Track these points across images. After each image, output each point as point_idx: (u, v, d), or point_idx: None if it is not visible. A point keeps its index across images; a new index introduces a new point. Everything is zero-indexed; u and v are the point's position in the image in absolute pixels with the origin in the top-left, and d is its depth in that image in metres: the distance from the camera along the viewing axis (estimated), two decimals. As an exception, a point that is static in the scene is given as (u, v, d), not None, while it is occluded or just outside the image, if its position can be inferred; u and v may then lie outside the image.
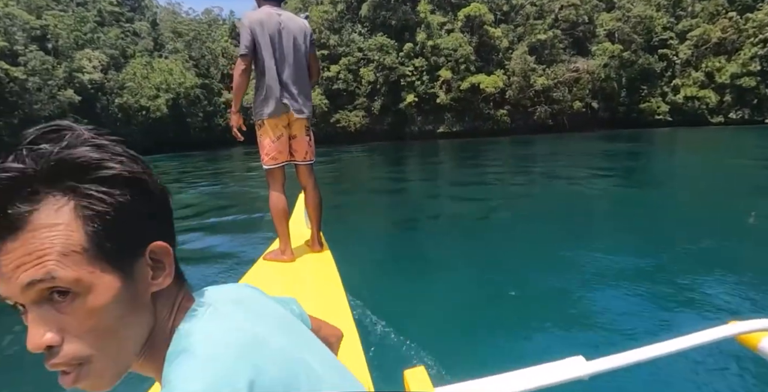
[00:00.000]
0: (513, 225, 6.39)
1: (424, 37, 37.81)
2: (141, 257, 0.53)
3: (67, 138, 0.49)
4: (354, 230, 6.44)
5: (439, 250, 5.28)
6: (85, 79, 41.84)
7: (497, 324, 3.18)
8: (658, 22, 47.62)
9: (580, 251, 4.68)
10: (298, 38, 2.77)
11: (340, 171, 17.32)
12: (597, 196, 8.51)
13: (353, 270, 3.19)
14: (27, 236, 0.46)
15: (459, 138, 39.05)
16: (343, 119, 40.11)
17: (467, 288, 3.87)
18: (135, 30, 57.27)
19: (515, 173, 13.24)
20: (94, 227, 0.48)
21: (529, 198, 8.62)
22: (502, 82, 37.59)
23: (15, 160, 0.47)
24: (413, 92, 38.55)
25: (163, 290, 0.56)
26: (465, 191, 9.61)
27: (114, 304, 0.49)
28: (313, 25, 40.47)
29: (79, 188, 0.48)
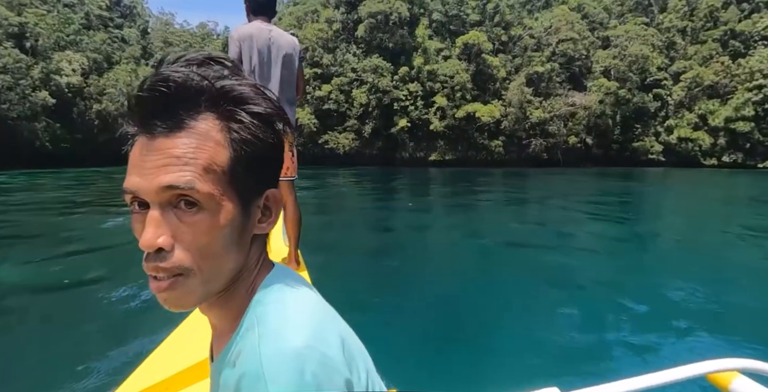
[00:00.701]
0: (494, 256, 6.42)
1: (421, 62, 36.79)
2: (259, 197, 0.56)
3: (233, 72, 0.54)
4: (334, 252, 6.38)
5: (415, 275, 5.25)
6: (62, 81, 39.68)
7: (472, 352, 3.17)
8: (653, 62, 47.71)
9: (559, 285, 4.77)
10: (288, 54, 2.78)
11: (326, 193, 17.04)
12: (586, 233, 8.45)
13: (329, 291, 2.48)
14: (182, 141, 0.50)
15: (450, 167, 37.70)
16: (332, 140, 38.48)
17: (442, 315, 3.84)
18: (123, 36, 55.61)
19: (506, 206, 13.02)
20: (239, 153, 0.52)
21: (515, 230, 8.48)
22: (499, 113, 36.54)
23: (193, 74, 0.51)
24: (406, 117, 37.25)
25: (259, 238, 0.58)
26: (451, 221, 9.39)
27: (228, 229, 0.52)
28: (307, 43, 39.27)
29: (237, 114, 0.52)
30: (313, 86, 38.48)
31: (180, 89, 0.50)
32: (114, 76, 45.30)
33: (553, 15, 41.80)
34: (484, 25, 38.96)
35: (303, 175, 27.89)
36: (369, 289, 4.83)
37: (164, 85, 0.50)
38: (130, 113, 0.52)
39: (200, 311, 0.58)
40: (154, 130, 0.50)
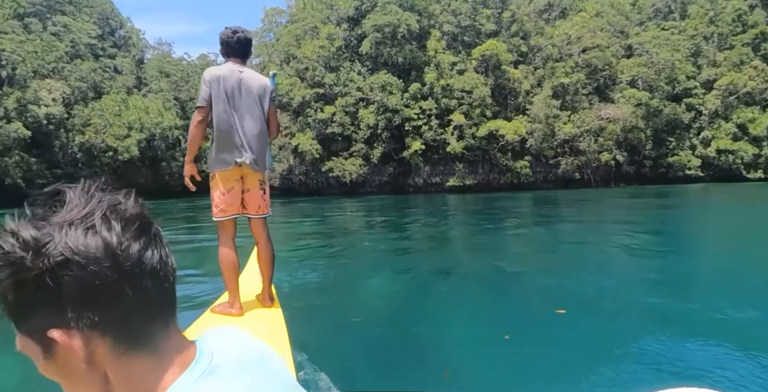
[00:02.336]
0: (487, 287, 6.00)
1: (434, 77, 33.01)
2: (48, 339, 0.52)
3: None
4: (325, 289, 5.98)
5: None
6: (40, 112, 36.20)
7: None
8: (681, 71, 43.92)
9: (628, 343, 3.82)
10: (258, 95, 2.86)
11: (327, 227, 15.31)
12: (649, 271, 6.60)
13: (305, 328, 3.73)
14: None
15: (471, 192, 33.48)
16: (337, 167, 34.43)
17: (422, 358, 3.62)
18: (116, 66, 52.75)
19: (548, 237, 11.13)
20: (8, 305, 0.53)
21: (564, 271, 6.76)
22: (525, 129, 32.45)
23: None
24: (420, 139, 33.22)
25: (120, 362, 0.53)
26: (478, 259, 8.31)
27: (48, 368, 0.53)
28: (307, 62, 35.79)
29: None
30: (314, 108, 34.74)
31: None
32: (100, 106, 41.93)
33: (574, 23, 38.25)
34: (500, 35, 35.38)
35: (301, 210, 23.28)
36: (353, 327, 4.32)
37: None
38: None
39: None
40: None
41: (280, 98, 36.29)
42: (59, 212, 0.52)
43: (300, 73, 36.45)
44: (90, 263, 0.49)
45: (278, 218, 21.34)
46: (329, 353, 3.49)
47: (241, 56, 2.91)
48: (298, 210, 23.25)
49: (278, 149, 36.71)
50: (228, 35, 2.90)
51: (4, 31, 37.67)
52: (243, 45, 2.92)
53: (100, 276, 0.50)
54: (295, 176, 36.65)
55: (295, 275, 6.64)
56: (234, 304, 2.85)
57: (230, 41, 2.89)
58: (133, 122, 42.27)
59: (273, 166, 5.47)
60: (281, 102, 36.63)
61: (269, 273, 2.98)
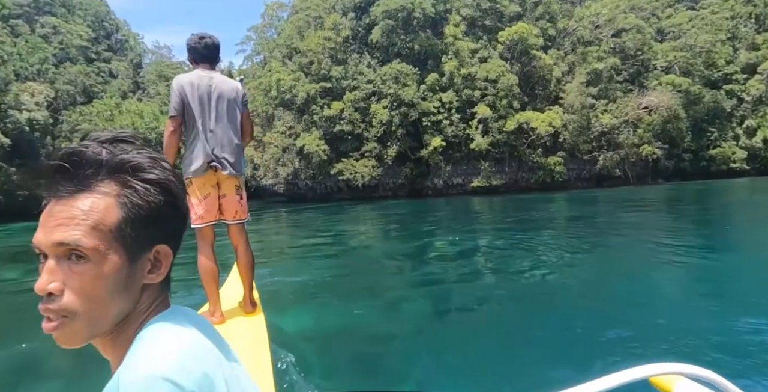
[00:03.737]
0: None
1: (454, 66, 29.39)
2: (148, 252, 0.65)
3: (135, 145, 0.66)
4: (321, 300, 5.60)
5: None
6: (22, 117, 33.10)
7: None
8: (719, 55, 39.98)
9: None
10: (230, 99, 2.83)
11: (337, 240, 13.00)
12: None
13: (291, 334, 3.79)
14: (77, 204, 0.60)
15: (498, 194, 29.82)
16: (348, 169, 30.88)
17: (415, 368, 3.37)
18: (111, 70, 49.86)
19: (613, 251, 8.32)
20: (126, 215, 0.62)
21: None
22: (561, 121, 28.69)
23: (97, 148, 0.63)
24: (440, 135, 29.59)
25: (151, 286, 0.66)
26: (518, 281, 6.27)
27: (112, 279, 0.61)
28: (311, 54, 32.39)
29: (130, 181, 0.63)
30: (321, 105, 31.28)
31: (83, 161, 0.61)
32: (89, 111, 38.82)
33: (603, 4, 34.52)
34: (525, 18, 31.72)
35: (306, 219, 19.55)
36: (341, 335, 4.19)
37: (70, 157, 0.61)
38: (42, 179, 0.62)
39: (97, 348, 0.66)
40: (58, 194, 0.61)
41: (282, 95, 32.97)
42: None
43: (304, 67, 33.08)
44: (181, 194, 0.67)
45: (280, 229, 17.89)
46: (312, 358, 3.41)
47: (209, 62, 2.90)
48: (304, 220, 19.71)
49: (272, 154, 33.32)
50: (195, 41, 2.89)
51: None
52: (211, 50, 2.91)
53: (181, 205, 0.67)
54: (301, 181, 33.16)
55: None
56: (215, 312, 2.82)
57: (197, 47, 2.88)
58: (126, 127, 39.03)
59: (244, 171, 3.17)
60: (283, 100, 33.28)
61: (250, 279, 2.97)
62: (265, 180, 34.50)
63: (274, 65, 34.50)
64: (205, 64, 2.85)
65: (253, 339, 2.54)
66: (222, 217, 2.89)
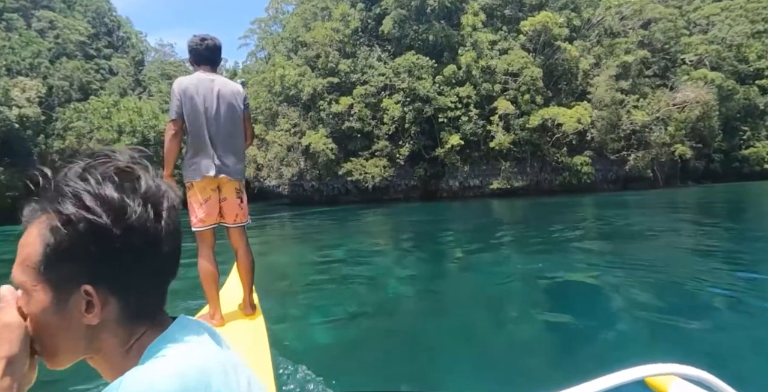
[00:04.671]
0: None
1: (472, 58, 27.14)
2: (76, 290, 0.58)
3: (79, 167, 0.59)
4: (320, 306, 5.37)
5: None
6: (11, 114, 31.20)
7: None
8: (751, 49, 37.55)
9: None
10: (231, 102, 2.81)
11: (342, 246, 11.48)
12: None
13: (293, 336, 3.76)
14: (24, 235, 0.60)
15: (518, 197, 27.55)
16: (357, 169, 28.68)
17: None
18: (111, 67, 48.12)
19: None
20: (46, 251, 0.57)
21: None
22: (590, 117, 26.34)
23: (47, 174, 0.59)
24: (457, 133, 27.34)
25: (107, 326, 0.60)
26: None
27: (42, 315, 0.59)
28: (318, 47, 30.27)
29: (60, 213, 0.56)
30: (328, 100, 29.14)
31: (37, 190, 0.58)
32: (85, 108, 36.90)
33: (630, -6, 32.19)
34: (548, 7, 29.44)
35: (310, 224, 17.36)
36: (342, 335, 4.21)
37: (32, 181, 0.59)
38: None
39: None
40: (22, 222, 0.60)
41: (287, 91, 30.88)
42: (126, 183, 0.58)
43: (310, 61, 30.97)
44: (130, 231, 0.56)
45: (283, 234, 15.91)
46: (313, 361, 3.31)
47: (211, 64, 2.87)
48: (310, 228, 17.50)
49: (276, 153, 31.18)
50: (196, 43, 2.84)
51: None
52: (212, 52, 2.87)
53: (132, 243, 0.57)
54: (307, 182, 30.99)
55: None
56: (215, 315, 2.81)
57: (199, 49, 2.84)
58: (124, 124, 37.08)
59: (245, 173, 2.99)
60: (288, 95, 31.18)
61: (250, 282, 2.97)
62: (268, 181, 32.37)
63: (279, 60, 32.42)
64: (207, 66, 2.84)
65: (253, 341, 2.57)
66: (222, 220, 2.90)
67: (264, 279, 6.53)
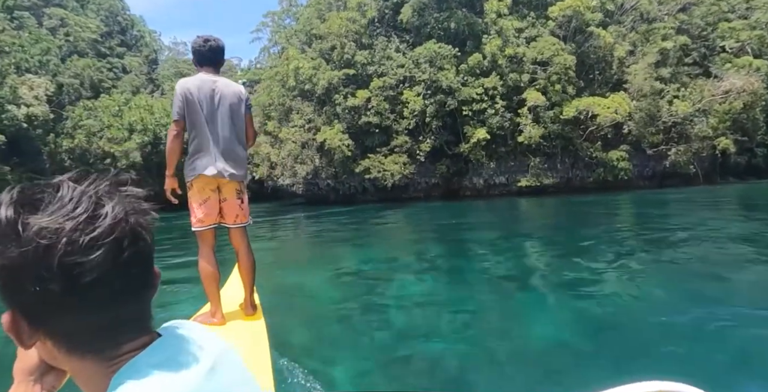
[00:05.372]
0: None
1: (497, 47, 25.28)
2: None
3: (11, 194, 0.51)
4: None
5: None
6: (19, 113, 30.31)
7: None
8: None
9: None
10: (233, 103, 2.81)
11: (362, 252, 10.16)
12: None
13: (294, 338, 3.81)
14: None
15: (547, 195, 25.64)
16: (375, 166, 27.04)
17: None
18: (124, 65, 47.45)
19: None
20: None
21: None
22: (628, 108, 24.25)
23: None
24: (482, 126, 25.51)
25: (56, 355, 0.55)
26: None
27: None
28: (333, 38, 28.71)
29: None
30: (344, 94, 27.56)
31: None
32: (95, 106, 35.97)
33: (666, -24, 29.91)
34: (578, -10, 27.37)
35: (324, 228, 16.06)
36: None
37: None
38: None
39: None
40: None
41: (301, 85, 29.39)
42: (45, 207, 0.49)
43: (325, 53, 29.44)
44: (42, 271, 0.47)
45: (296, 236, 15.08)
46: (313, 360, 3.38)
47: (213, 65, 2.87)
48: (322, 230, 15.94)
49: (290, 151, 29.71)
50: (199, 44, 2.85)
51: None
52: (215, 53, 2.87)
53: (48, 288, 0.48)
54: (322, 181, 29.46)
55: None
56: (216, 313, 2.83)
57: (202, 50, 2.84)
58: (135, 122, 36.05)
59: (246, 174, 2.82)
60: (302, 90, 29.69)
61: (251, 282, 2.97)
62: (282, 180, 30.94)
63: (292, 53, 30.95)
64: (209, 68, 2.84)
65: (253, 341, 2.57)
66: (223, 220, 2.90)
67: (270, 281, 6.27)
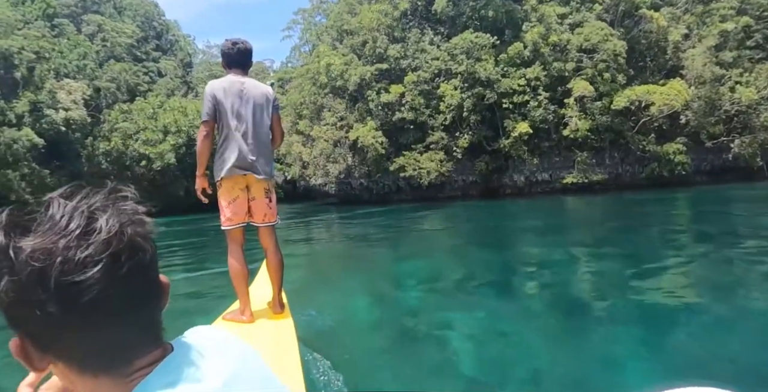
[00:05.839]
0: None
1: (539, 34, 23.71)
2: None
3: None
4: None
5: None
6: (58, 117, 30.78)
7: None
8: None
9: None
10: (260, 104, 2.86)
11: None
12: None
13: (320, 336, 3.79)
14: None
15: (594, 193, 23.90)
16: (410, 164, 25.94)
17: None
18: (159, 69, 48.18)
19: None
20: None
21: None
22: (688, 96, 22.26)
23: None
24: (524, 120, 24.01)
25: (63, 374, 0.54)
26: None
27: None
28: (365, 33, 27.80)
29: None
30: (377, 90, 26.58)
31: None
32: (130, 109, 36.35)
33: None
34: (626, -28, 25.43)
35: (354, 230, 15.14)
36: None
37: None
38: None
39: None
40: None
41: (333, 82, 28.60)
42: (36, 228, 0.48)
43: (356, 49, 28.55)
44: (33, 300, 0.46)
45: (329, 237, 14.09)
46: (343, 359, 3.34)
47: (242, 67, 2.92)
48: (357, 234, 14.98)
49: (322, 149, 28.93)
50: (228, 47, 2.91)
51: (24, 30, 32.92)
52: (243, 55, 2.93)
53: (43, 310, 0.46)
54: (355, 180, 28.58)
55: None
56: (244, 311, 2.87)
57: (231, 53, 2.90)
58: (169, 124, 36.26)
59: (274, 174, 2.87)
60: (334, 87, 28.90)
61: (279, 281, 3.00)
62: (314, 179, 30.26)
63: (323, 49, 30.21)
64: (238, 70, 2.88)
65: (280, 339, 2.59)
66: (251, 219, 2.94)
67: (302, 280, 6.27)
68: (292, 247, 10.86)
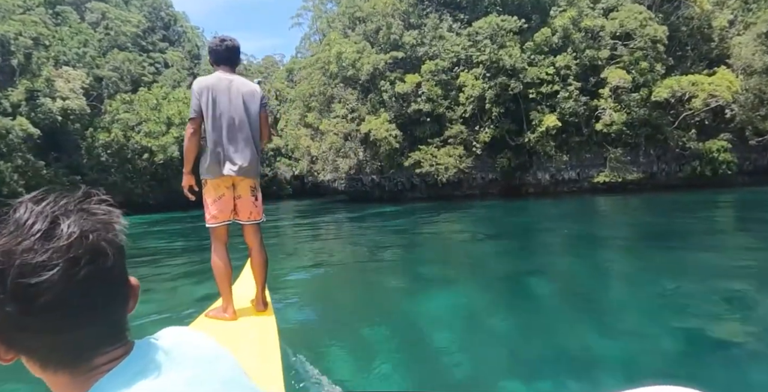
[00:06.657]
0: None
1: (570, 19, 21.68)
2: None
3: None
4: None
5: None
6: (54, 106, 29.27)
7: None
8: None
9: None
10: (248, 101, 2.84)
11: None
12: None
13: (302, 334, 3.79)
14: None
15: (627, 193, 21.92)
16: (427, 160, 24.07)
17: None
18: (166, 60, 46.73)
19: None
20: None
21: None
22: (738, 88, 20.15)
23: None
24: (552, 112, 22.02)
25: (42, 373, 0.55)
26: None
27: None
28: (378, 19, 25.94)
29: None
30: (391, 80, 24.74)
31: None
32: (132, 99, 34.80)
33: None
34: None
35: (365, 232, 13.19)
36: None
37: None
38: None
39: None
40: None
41: (344, 71, 26.80)
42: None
43: (369, 36, 26.71)
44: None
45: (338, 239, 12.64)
46: (323, 358, 3.38)
47: (229, 64, 2.90)
48: (368, 238, 13.18)
49: (331, 143, 27.16)
50: (216, 44, 2.91)
51: (22, 16, 31.48)
52: (231, 52, 2.91)
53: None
54: (366, 176, 26.77)
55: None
56: (227, 309, 2.87)
57: (219, 49, 2.88)
58: (173, 116, 34.69)
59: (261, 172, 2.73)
60: (345, 76, 27.09)
61: (262, 279, 2.99)
62: (323, 175, 28.51)
63: (334, 37, 28.39)
64: (226, 67, 2.85)
65: (262, 337, 2.58)
66: (237, 217, 2.93)
67: (295, 282, 6.18)
68: (285, 256, 9.15)
